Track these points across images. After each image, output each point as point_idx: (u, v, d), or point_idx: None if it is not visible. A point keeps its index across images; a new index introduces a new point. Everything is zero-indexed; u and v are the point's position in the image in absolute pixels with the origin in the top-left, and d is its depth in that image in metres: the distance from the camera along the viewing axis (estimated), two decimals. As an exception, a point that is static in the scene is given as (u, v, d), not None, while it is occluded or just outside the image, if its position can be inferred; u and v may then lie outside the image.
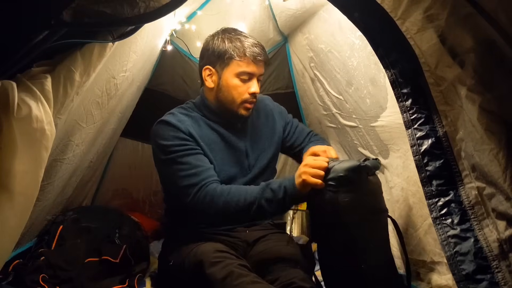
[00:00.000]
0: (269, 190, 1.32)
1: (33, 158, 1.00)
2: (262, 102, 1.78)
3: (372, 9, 1.08)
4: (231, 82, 1.53)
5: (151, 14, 1.03)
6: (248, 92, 1.53)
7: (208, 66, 1.57)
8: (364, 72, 1.75)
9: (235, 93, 1.54)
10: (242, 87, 1.53)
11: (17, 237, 1.09)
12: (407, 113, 1.10)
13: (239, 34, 1.57)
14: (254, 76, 1.54)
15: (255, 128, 1.69)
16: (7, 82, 0.91)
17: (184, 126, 1.50)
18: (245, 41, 1.53)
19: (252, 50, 1.51)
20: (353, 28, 1.41)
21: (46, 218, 1.80)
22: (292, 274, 1.31)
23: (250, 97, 1.54)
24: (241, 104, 1.55)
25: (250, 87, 1.54)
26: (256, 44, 1.54)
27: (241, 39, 1.54)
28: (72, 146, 1.57)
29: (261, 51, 1.53)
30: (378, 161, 1.31)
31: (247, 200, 1.32)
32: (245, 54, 1.50)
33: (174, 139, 1.47)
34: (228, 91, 1.54)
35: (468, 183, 1.03)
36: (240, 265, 1.23)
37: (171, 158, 1.45)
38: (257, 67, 1.53)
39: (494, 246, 0.97)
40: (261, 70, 1.56)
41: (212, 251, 1.28)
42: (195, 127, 1.54)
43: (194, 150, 1.48)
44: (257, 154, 1.64)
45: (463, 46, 0.98)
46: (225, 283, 1.16)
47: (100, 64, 1.21)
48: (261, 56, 1.52)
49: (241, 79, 1.53)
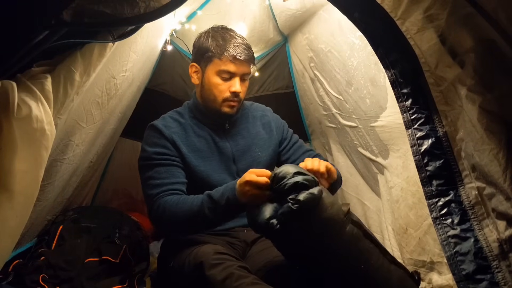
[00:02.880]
0: (210, 199, 1.31)
1: (33, 158, 1.00)
2: (262, 112, 1.78)
3: (372, 9, 1.08)
4: (212, 80, 1.54)
5: (151, 14, 1.03)
6: (229, 91, 1.53)
7: (194, 63, 1.60)
8: (364, 72, 1.75)
9: (216, 91, 1.55)
10: (222, 86, 1.54)
11: (17, 237, 1.09)
12: (407, 113, 1.10)
13: (225, 33, 1.56)
14: (236, 75, 1.54)
15: (249, 133, 1.68)
16: (7, 82, 0.91)
17: (168, 132, 1.53)
18: (228, 40, 1.52)
19: (233, 50, 1.50)
20: (353, 28, 1.41)
21: (46, 218, 1.80)
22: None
23: (231, 95, 1.54)
24: (223, 102, 1.56)
25: (231, 86, 1.53)
26: (240, 43, 1.52)
27: (225, 37, 1.53)
28: (72, 146, 1.57)
29: (243, 51, 1.51)
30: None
31: (193, 209, 1.32)
32: (224, 53, 1.50)
33: (154, 146, 1.51)
34: (210, 89, 1.56)
35: (468, 183, 1.03)
36: (240, 267, 1.23)
37: (145, 165, 1.50)
38: (237, 67, 1.52)
39: (494, 246, 0.97)
40: (243, 70, 1.54)
41: (212, 253, 1.28)
42: (181, 134, 1.56)
43: (168, 161, 1.49)
44: (249, 161, 1.61)
45: (463, 46, 0.98)
46: (225, 285, 1.16)
47: (100, 64, 1.21)
48: (241, 55, 1.50)
49: (221, 77, 1.53)
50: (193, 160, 1.53)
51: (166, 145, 1.51)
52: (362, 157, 1.98)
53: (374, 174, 1.89)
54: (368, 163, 1.93)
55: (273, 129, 1.74)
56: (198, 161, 1.54)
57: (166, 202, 1.39)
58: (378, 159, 1.82)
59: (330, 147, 2.35)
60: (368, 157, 1.91)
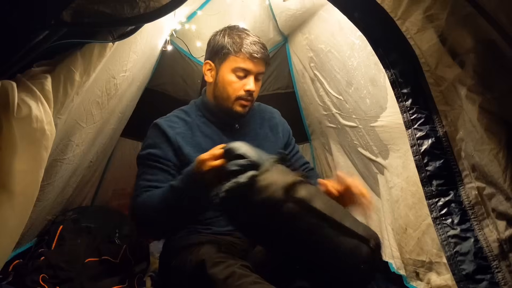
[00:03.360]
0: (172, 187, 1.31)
1: (33, 158, 1.00)
2: (270, 114, 1.77)
3: (372, 9, 1.08)
4: (227, 78, 1.53)
5: (151, 14, 1.03)
6: (243, 89, 1.53)
7: (208, 61, 1.59)
8: (364, 72, 1.75)
9: (230, 88, 1.53)
10: (237, 83, 1.53)
11: (17, 237, 1.09)
12: (407, 113, 1.10)
13: (241, 31, 1.56)
14: (251, 74, 1.53)
15: (257, 135, 1.66)
16: (7, 82, 0.91)
17: (173, 132, 1.50)
18: (245, 38, 1.52)
19: (249, 47, 1.50)
20: (353, 28, 1.41)
21: (46, 218, 1.80)
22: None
23: (245, 94, 1.53)
24: (236, 101, 1.54)
25: (246, 84, 1.53)
26: (256, 42, 1.53)
27: (241, 35, 1.53)
28: (72, 146, 1.57)
29: (260, 49, 1.52)
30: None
31: (161, 199, 1.32)
32: (241, 50, 1.50)
33: (151, 147, 1.49)
34: (224, 87, 1.54)
35: (468, 183, 1.03)
36: (242, 266, 1.23)
37: (139, 163, 1.51)
38: (253, 64, 1.52)
39: (494, 246, 0.97)
40: (259, 68, 1.54)
41: (214, 252, 1.28)
42: (186, 134, 1.54)
43: (161, 164, 1.47)
44: None
45: (463, 46, 0.98)
46: (227, 284, 1.16)
47: (100, 64, 1.21)
48: (258, 54, 1.51)
49: (237, 75, 1.52)
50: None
51: (165, 148, 1.49)
52: (362, 157, 1.98)
53: (374, 174, 1.89)
54: (368, 163, 1.93)
55: (279, 132, 1.73)
56: None
57: (139, 200, 1.39)
58: (378, 159, 1.82)
59: (330, 147, 2.35)
60: (368, 157, 1.91)
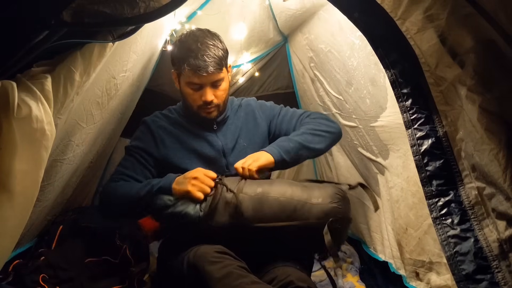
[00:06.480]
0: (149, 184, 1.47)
1: (33, 158, 1.00)
2: (245, 103, 1.81)
3: (372, 9, 1.08)
4: (184, 90, 1.59)
5: (151, 14, 1.03)
6: (201, 100, 1.55)
7: (172, 70, 1.64)
8: (364, 72, 1.75)
9: (189, 99, 1.59)
10: (194, 95, 1.56)
11: (17, 237, 1.09)
12: (407, 113, 1.10)
13: (191, 42, 1.52)
14: (205, 85, 1.54)
15: (236, 128, 1.71)
16: (7, 82, 0.91)
17: (155, 126, 1.63)
18: (190, 52, 1.49)
19: (193, 63, 1.47)
20: (353, 28, 1.41)
21: (46, 218, 1.80)
22: (289, 273, 1.31)
23: (204, 104, 1.56)
24: (198, 110, 1.59)
25: (202, 95, 1.55)
26: (202, 54, 1.48)
27: (189, 48, 1.50)
28: (72, 146, 1.57)
29: (204, 63, 1.47)
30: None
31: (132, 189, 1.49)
32: (186, 67, 1.49)
33: (135, 140, 1.65)
34: (185, 97, 1.61)
35: (468, 183, 1.03)
36: (240, 266, 1.23)
37: (125, 153, 1.65)
38: (200, 78, 1.51)
39: (494, 246, 0.97)
40: (209, 79, 1.52)
41: (212, 252, 1.28)
42: (167, 128, 1.64)
43: (141, 157, 1.60)
44: (236, 153, 1.65)
45: (463, 46, 0.98)
46: (224, 283, 1.16)
47: (100, 64, 1.21)
48: (201, 70, 1.47)
49: (191, 88, 1.56)
50: (177, 154, 1.59)
51: (147, 141, 1.60)
52: (362, 157, 1.98)
53: (374, 174, 1.89)
54: (368, 163, 1.93)
55: (257, 117, 1.76)
56: (182, 153, 1.59)
57: (111, 184, 1.56)
58: (378, 159, 1.82)
59: (330, 147, 2.34)
60: (368, 157, 1.91)
